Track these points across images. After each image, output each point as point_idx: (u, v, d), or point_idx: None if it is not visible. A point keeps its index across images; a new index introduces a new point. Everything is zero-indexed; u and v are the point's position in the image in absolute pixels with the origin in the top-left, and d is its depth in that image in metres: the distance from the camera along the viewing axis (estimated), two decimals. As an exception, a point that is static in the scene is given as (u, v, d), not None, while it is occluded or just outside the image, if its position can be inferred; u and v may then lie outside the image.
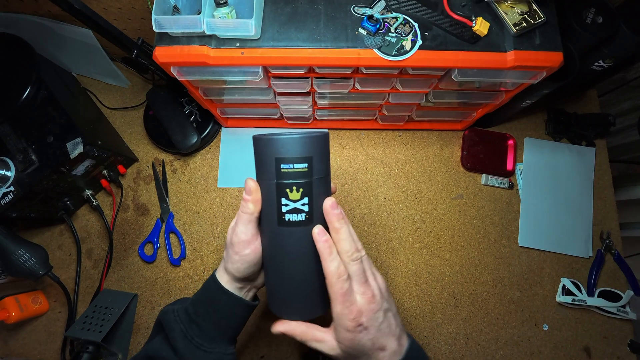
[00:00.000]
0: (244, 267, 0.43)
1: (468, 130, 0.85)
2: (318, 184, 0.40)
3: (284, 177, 0.39)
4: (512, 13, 0.55)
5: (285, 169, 0.39)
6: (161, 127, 0.79)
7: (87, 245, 0.78)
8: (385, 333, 0.40)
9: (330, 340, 0.41)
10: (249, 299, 0.47)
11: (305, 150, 0.39)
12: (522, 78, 0.60)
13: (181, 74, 0.58)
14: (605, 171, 0.86)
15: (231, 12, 0.53)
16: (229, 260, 0.44)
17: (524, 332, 0.76)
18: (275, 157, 0.39)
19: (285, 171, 0.39)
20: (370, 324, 0.39)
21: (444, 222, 0.81)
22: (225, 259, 0.44)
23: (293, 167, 0.39)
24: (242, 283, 0.45)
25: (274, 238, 0.42)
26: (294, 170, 0.39)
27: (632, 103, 0.92)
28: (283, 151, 0.39)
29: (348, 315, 0.38)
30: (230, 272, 0.44)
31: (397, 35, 0.55)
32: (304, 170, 0.39)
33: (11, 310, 0.68)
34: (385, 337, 0.40)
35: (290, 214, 0.40)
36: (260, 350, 0.73)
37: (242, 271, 0.43)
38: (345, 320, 0.38)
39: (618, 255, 0.80)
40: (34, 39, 0.70)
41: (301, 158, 0.39)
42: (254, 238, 0.43)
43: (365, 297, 0.39)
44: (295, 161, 0.39)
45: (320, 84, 0.64)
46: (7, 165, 0.64)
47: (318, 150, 0.40)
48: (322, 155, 0.41)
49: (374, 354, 0.40)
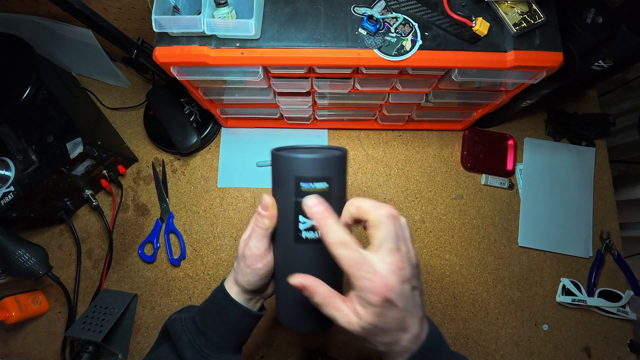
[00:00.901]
0: (255, 280, 0.43)
1: (468, 130, 0.85)
2: (336, 203, 0.40)
3: (303, 195, 0.39)
4: (512, 13, 0.55)
5: (305, 188, 0.39)
6: (161, 127, 0.79)
7: (87, 245, 0.78)
8: (411, 313, 0.35)
9: (347, 314, 0.35)
10: (257, 309, 0.47)
11: (326, 170, 0.39)
12: (522, 78, 0.60)
13: (181, 74, 0.58)
14: (605, 171, 0.86)
15: (231, 12, 0.53)
16: (240, 272, 0.44)
17: (524, 332, 0.76)
18: (296, 175, 0.39)
19: (305, 190, 0.39)
20: (398, 300, 0.33)
21: (444, 222, 0.81)
22: (236, 271, 0.44)
23: (313, 187, 0.39)
24: (251, 295, 0.46)
25: (289, 254, 0.42)
26: (314, 189, 0.39)
27: (632, 103, 0.92)
28: (304, 170, 0.39)
29: (372, 289, 0.32)
30: (240, 284, 0.44)
31: (397, 35, 0.55)
32: (324, 190, 0.39)
33: (11, 310, 0.68)
34: (411, 317, 0.35)
35: (307, 231, 0.40)
36: (260, 350, 0.73)
37: (252, 284, 0.43)
38: (369, 295, 0.32)
39: (618, 255, 0.80)
40: (34, 39, 0.70)
41: (322, 178, 0.39)
42: (267, 252, 0.43)
43: (393, 267, 0.33)
44: (315, 180, 0.39)
45: (320, 84, 0.64)
46: (7, 165, 0.64)
47: (338, 170, 0.40)
48: (342, 174, 0.41)
49: (396, 335, 0.35)
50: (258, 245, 0.42)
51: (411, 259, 0.36)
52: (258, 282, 0.44)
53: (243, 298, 0.45)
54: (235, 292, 0.45)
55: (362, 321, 0.34)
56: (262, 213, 0.41)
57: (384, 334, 0.35)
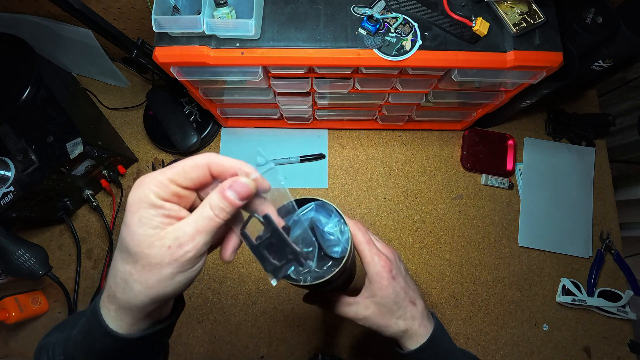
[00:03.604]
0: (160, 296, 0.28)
1: (468, 130, 0.85)
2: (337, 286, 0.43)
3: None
4: (512, 13, 0.55)
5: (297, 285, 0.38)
6: (161, 127, 0.79)
7: (87, 245, 0.78)
8: (410, 286, 0.44)
9: (362, 301, 0.42)
10: (156, 319, 0.31)
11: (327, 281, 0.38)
12: (522, 78, 0.60)
13: (181, 74, 0.58)
14: (605, 171, 0.86)
15: (231, 12, 0.53)
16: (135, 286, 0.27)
17: (524, 332, 0.76)
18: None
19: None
20: (396, 273, 0.42)
21: (444, 222, 0.81)
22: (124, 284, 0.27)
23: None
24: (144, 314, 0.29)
25: None
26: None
27: (632, 103, 0.92)
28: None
29: (385, 268, 0.41)
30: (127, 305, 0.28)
31: (397, 35, 0.55)
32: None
33: (11, 310, 0.68)
34: (412, 290, 0.44)
35: None
36: (260, 350, 0.73)
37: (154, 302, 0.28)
38: (383, 272, 0.41)
39: (618, 255, 0.80)
40: (34, 39, 0.70)
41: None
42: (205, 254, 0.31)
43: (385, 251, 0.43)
44: None
45: (320, 84, 0.64)
46: (7, 166, 0.64)
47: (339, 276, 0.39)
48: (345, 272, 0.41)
49: (408, 307, 0.42)
50: (206, 242, 0.28)
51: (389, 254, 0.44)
52: (183, 289, 0.29)
53: (145, 323, 0.30)
54: (129, 321, 0.29)
55: (379, 297, 0.41)
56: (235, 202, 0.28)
57: (398, 308, 0.42)
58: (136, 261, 0.26)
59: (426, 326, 0.43)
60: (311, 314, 0.74)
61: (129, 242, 0.26)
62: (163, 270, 0.26)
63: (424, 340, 0.42)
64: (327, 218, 0.39)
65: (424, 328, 0.43)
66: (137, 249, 0.26)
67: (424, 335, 0.42)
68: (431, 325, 0.43)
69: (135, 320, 0.29)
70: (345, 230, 0.39)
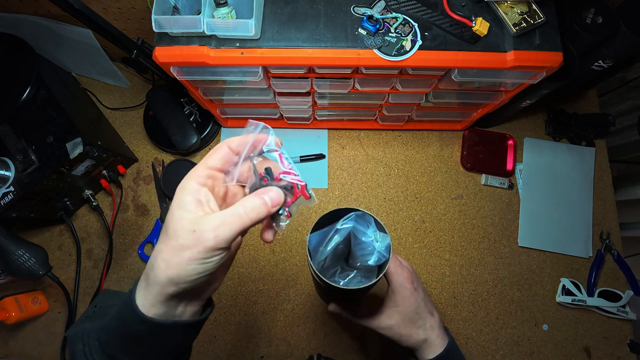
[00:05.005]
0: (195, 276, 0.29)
1: (468, 130, 0.85)
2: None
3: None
4: (512, 13, 0.55)
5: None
6: (161, 127, 0.79)
7: (87, 245, 0.78)
8: (427, 298, 0.49)
9: (385, 311, 0.47)
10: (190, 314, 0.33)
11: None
12: (522, 78, 0.60)
13: (181, 74, 0.58)
14: (605, 171, 0.86)
15: (231, 12, 0.53)
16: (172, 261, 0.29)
17: (524, 332, 0.76)
18: None
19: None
20: (417, 285, 0.48)
21: (444, 222, 0.81)
22: (161, 263, 0.29)
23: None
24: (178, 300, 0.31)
25: None
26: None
27: (632, 103, 0.92)
28: None
29: (407, 279, 0.46)
30: (165, 282, 0.29)
31: (397, 36, 0.55)
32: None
33: (11, 310, 0.68)
34: (429, 302, 0.49)
35: None
36: (260, 350, 0.73)
37: (190, 282, 0.30)
38: (406, 283, 0.46)
39: (618, 255, 0.80)
40: (34, 39, 0.70)
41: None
42: None
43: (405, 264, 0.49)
44: None
45: (320, 84, 0.64)
46: (7, 166, 0.64)
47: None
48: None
49: (427, 318, 0.47)
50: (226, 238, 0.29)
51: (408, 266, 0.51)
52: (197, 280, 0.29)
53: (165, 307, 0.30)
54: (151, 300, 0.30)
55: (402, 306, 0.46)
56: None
57: (419, 318, 0.46)
58: (169, 239, 0.29)
59: (443, 337, 0.47)
60: (311, 314, 0.74)
61: (169, 222, 0.29)
62: (184, 253, 0.28)
63: (440, 350, 0.45)
64: (366, 228, 0.41)
65: (442, 339, 0.46)
66: (171, 230, 0.29)
67: (440, 345, 0.46)
68: (447, 337, 0.47)
69: (155, 300, 0.30)
70: (381, 239, 0.41)
